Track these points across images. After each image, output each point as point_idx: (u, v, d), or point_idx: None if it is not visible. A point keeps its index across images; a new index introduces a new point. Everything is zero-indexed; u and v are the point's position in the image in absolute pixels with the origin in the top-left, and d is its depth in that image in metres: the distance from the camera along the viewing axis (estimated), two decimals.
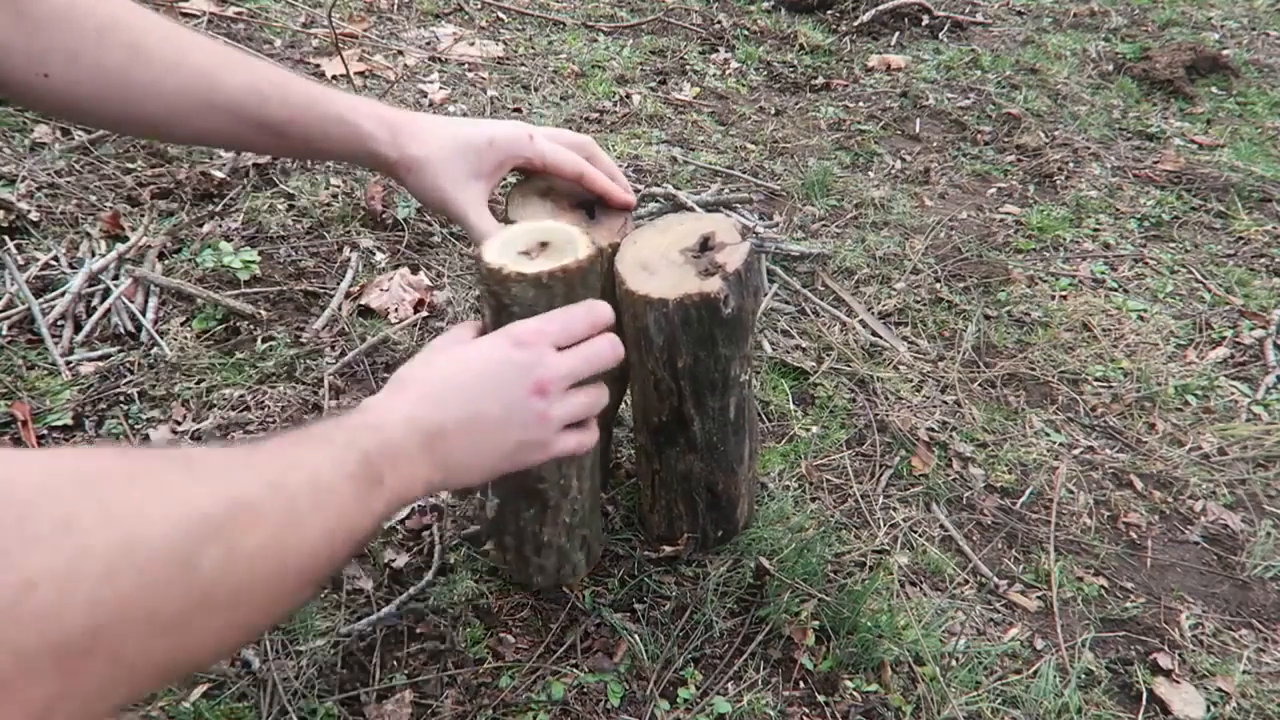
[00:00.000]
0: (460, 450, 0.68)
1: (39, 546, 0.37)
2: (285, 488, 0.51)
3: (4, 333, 1.31)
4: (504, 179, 0.91)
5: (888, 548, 1.19)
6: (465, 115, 2.15)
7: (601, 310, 0.78)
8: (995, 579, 1.18)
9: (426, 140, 0.83)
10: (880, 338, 1.61)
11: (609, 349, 0.77)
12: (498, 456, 0.71)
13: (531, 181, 0.94)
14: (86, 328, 1.35)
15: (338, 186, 1.76)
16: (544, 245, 0.78)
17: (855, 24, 3.09)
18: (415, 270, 1.57)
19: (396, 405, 0.67)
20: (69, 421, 1.19)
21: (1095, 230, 2.07)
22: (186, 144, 1.69)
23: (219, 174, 1.70)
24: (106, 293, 1.40)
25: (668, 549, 1.10)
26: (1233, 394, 1.58)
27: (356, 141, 0.82)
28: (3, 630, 0.35)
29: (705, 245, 0.92)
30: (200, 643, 0.45)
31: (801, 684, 1.01)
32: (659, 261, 0.91)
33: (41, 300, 1.37)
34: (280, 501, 0.50)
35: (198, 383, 1.28)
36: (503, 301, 0.77)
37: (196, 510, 0.45)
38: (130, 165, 1.72)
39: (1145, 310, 1.78)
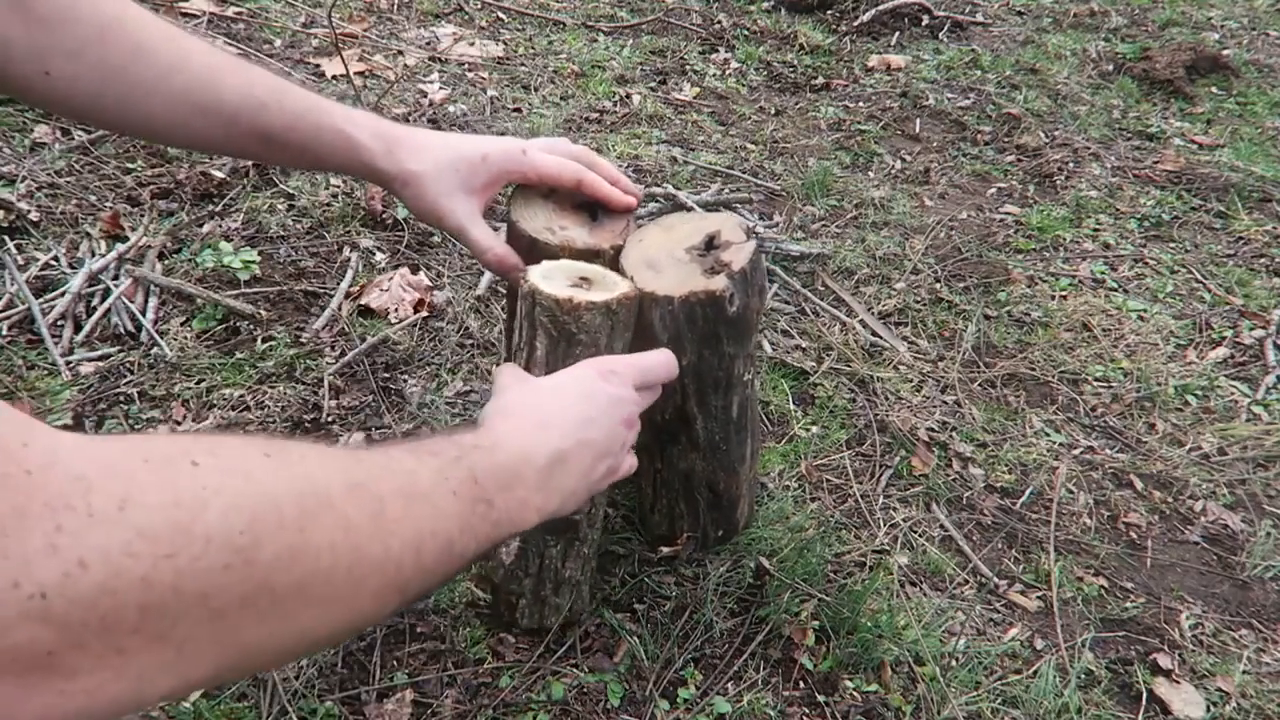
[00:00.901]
0: (573, 476, 0.69)
1: (94, 524, 0.36)
2: (370, 489, 0.50)
3: (4, 333, 1.31)
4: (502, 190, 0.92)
5: (888, 548, 1.19)
6: (465, 114, 2.15)
7: (675, 362, 0.84)
8: (995, 579, 1.19)
9: (422, 156, 0.84)
10: (880, 338, 1.61)
11: (655, 395, 0.84)
12: (591, 482, 0.73)
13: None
14: (86, 328, 1.35)
15: (338, 187, 1.76)
16: (585, 280, 0.82)
17: (855, 24, 3.09)
18: (415, 270, 1.57)
19: (509, 430, 0.67)
20: (69, 421, 1.19)
21: (1095, 230, 2.07)
22: (182, 147, 1.69)
23: (219, 174, 1.70)
24: (106, 293, 1.40)
25: (667, 549, 1.10)
26: (1233, 394, 1.58)
27: (352, 154, 0.82)
28: (53, 605, 0.34)
29: (710, 244, 0.92)
30: (256, 638, 0.43)
31: (801, 684, 1.01)
32: (664, 259, 0.90)
33: (41, 300, 1.37)
34: (361, 502, 0.49)
35: (198, 383, 1.28)
36: (569, 330, 0.79)
37: (265, 497, 0.44)
38: (130, 165, 1.71)
39: (1145, 310, 1.78)
